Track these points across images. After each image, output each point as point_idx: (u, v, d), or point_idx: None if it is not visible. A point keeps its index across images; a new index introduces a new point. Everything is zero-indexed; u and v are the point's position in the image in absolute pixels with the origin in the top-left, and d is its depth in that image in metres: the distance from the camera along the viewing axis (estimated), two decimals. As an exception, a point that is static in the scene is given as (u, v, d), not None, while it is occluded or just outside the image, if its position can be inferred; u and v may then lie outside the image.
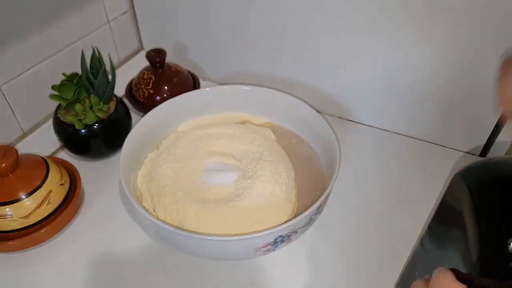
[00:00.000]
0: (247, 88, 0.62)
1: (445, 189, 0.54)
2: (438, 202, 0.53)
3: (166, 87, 0.65)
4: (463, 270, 0.26)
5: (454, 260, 0.27)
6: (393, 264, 0.48)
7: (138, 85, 0.66)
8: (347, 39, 0.59)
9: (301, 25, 0.61)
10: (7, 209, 0.46)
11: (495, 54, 0.51)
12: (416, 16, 0.52)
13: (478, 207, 0.25)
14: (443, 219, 0.30)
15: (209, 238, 0.43)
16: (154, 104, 0.58)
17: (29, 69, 0.60)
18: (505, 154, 0.59)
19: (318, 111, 0.57)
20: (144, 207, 0.47)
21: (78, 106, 0.54)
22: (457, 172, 0.28)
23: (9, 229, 0.47)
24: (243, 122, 0.62)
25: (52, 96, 0.55)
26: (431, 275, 0.28)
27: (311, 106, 0.57)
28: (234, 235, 0.45)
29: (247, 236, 0.42)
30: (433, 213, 0.32)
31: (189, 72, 0.70)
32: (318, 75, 0.65)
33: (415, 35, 0.54)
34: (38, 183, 0.48)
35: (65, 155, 0.61)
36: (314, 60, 0.64)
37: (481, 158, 0.58)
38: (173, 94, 0.62)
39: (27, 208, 0.47)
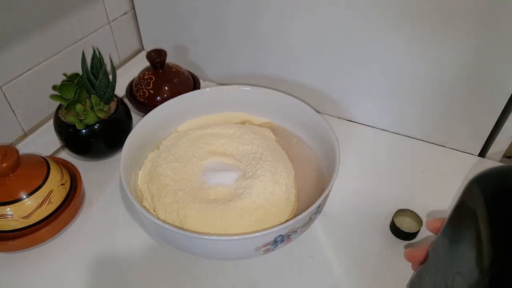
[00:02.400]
0: (247, 88, 0.62)
1: (445, 189, 0.55)
2: (438, 202, 0.53)
3: (166, 87, 0.65)
4: (474, 275, 0.26)
5: (466, 265, 0.27)
6: (393, 264, 0.48)
7: (139, 85, 0.66)
8: (349, 40, 0.59)
9: (302, 26, 0.61)
10: (8, 209, 0.47)
11: (495, 54, 0.51)
12: (416, 18, 0.53)
13: (493, 215, 0.25)
14: (457, 225, 0.30)
15: (209, 237, 0.43)
16: (155, 104, 0.58)
17: (30, 69, 0.60)
18: (503, 154, 0.60)
19: (318, 111, 0.57)
20: (144, 207, 0.47)
21: (78, 106, 0.54)
22: (472, 178, 0.28)
23: (9, 229, 0.47)
24: (243, 122, 0.62)
25: (53, 96, 0.55)
26: (441, 278, 0.28)
27: (311, 106, 0.57)
28: (234, 234, 0.45)
29: (247, 236, 0.42)
30: (447, 218, 0.32)
31: (189, 73, 0.70)
32: (318, 75, 0.65)
33: (415, 37, 0.54)
34: (39, 183, 0.49)
35: (66, 155, 0.61)
36: (315, 60, 0.64)
37: (497, 164, 0.58)
38: (173, 94, 0.62)
39: (27, 208, 0.47)
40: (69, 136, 0.56)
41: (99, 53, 0.56)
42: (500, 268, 0.24)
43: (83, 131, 0.55)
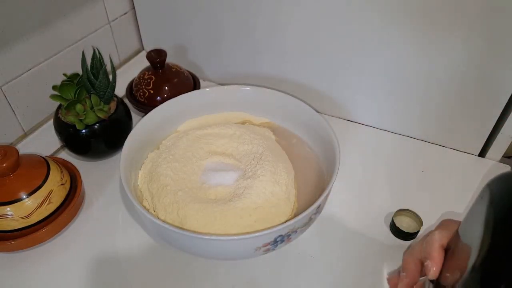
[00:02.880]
0: (247, 88, 0.62)
1: (444, 189, 0.55)
2: (438, 202, 0.53)
3: (166, 87, 0.65)
4: (468, 271, 0.26)
5: (465, 261, 0.27)
6: (393, 264, 0.48)
7: (139, 85, 0.66)
8: (348, 40, 0.59)
9: (302, 26, 0.61)
10: (8, 209, 0.47)
11: (496, 54, 0.51)
12: (416, 19, 0.53)
13: (496, 218, 0.25)
14: (467, 225, 0.30)
15: (209, 237, 0.43)
16: (155, 104, 0.58)
17: (30, 69, 0.60)
18: (503, 154, 0.60)
19: (318, 111, 0.57)
20: (144, 207, 0.47)
21: (78, 106, 0.54)
22: (488, 182, 0.28)
23: (9, 229, 0.47)
24: (243, 122, 0.62)
25: (53, 96, 0.55)
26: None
27: (311, 106, 0.57)
28: (234, 234, 0.45)
29: (247, 236, 0.42)
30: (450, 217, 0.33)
31: (189, 73, 0.70)
32: (318, 75, 0.65)
33: (415, 37, 0.54)
34: (39, 183, 0.49)
35: (66, 155, 0.61)
36: (314, 60, 0.64)
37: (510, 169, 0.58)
38: (173, 94, 0.62)
39: (27, 208, 0.47)
40: (69, 136, 0.56)
41: (99, 53, 0.56)
42: (489, 267, 0.24)
43: (83, 131, 0.55)
